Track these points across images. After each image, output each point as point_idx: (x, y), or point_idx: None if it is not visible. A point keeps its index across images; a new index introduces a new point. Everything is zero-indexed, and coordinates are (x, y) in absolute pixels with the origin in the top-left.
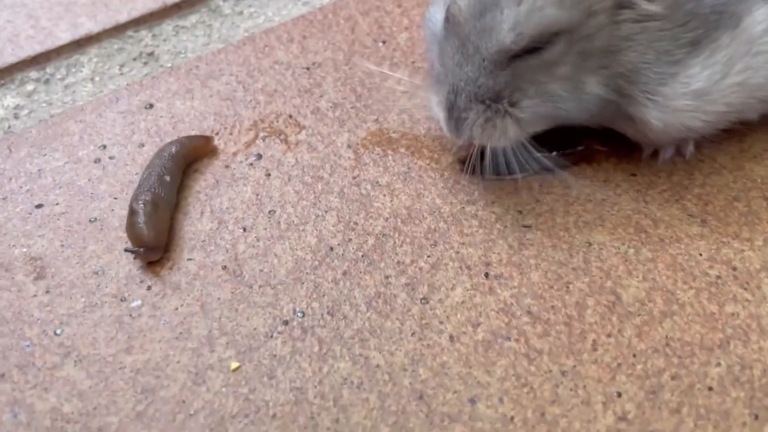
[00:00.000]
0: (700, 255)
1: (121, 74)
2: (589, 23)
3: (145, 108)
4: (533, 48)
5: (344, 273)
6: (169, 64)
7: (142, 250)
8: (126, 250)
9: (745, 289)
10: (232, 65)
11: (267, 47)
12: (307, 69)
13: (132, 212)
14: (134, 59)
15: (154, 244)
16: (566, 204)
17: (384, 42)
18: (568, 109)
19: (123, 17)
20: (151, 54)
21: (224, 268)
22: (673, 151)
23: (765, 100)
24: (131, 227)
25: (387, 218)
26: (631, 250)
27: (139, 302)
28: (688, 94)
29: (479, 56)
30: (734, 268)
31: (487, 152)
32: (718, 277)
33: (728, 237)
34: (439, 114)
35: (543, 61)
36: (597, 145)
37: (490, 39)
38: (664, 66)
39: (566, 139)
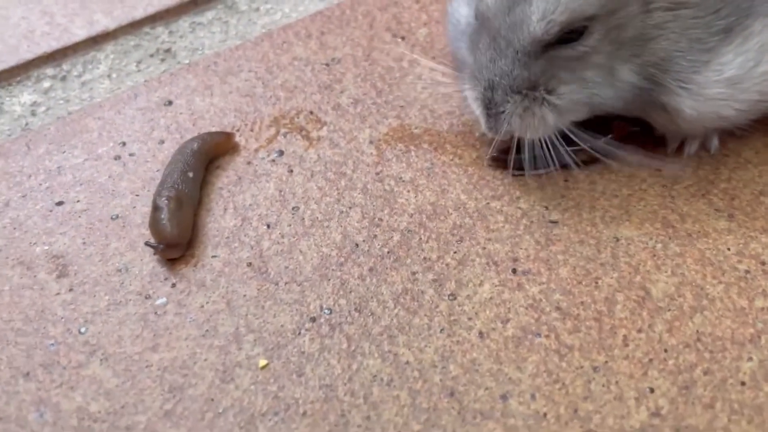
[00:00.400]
0: (729, 249)
1: (138, 71)
2: (620, 12)
3: (164, 105)
4: (566, 38)
5: (370, 269)
6: (187, 61)
7: (161, 246)
8: (147, 244)
9: None
10: (250, 61)
11: (285, 43)
12: (327, 65)
13: (155, 208)
14: (151, 56)
15: (177, 241)
16: (592, 199)
17: (403, 38)
18: (604, 95)
19: (139, 13)
20: (168, 50)
21: (249, 264)
22: (697, 146)
23: None
24: (155, 223)
25: (412, 214)
26: (659, 245)
27: (164, 300)
28: (721, 81)
29: (512, 49)
30: (763, 263)
31: (525, 146)
32: (747, 271)
33: (756, 231)
34: (477, 111)
35: (577, 51)
36: (628, 126)
37: (522, 31)
38: (697, 54)
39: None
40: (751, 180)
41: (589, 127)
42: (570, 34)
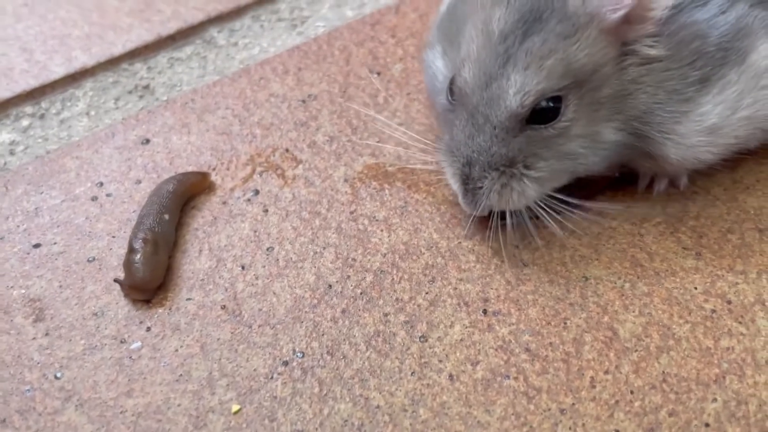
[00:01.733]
0: (696, 288)
1: (117, 108)
2: (595, 76)
3: (142, 143)
4: (543, 118)
5: (343, 311)
6: (165, 97)
7: (126, 286)
8: (115, 280)
9: (740, 323)
10: (227, 98)
11: (262, 79)
12: (303, 101)
13: (131, 250)
14: (129, 92)
15: (147, 287)
16: (562, 238)
17: (379, 73)
18: (588, 163)
19: (117, 50)
20: (146, 87)
21: (223, 307)
22: (667, 183)
23: (767, 130)
24: (128, 265)
25: (385, 254)
26: (627, 284)
27: (139, 344)
28: (702, 131)
29: (490, 125)
30: (729, 302)
31: (508, 214)
32: (713, 311)
33: (722, 270)
34: (455, 186)
35: (556, 129)
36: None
37: (498, 107)
38: (676, 104)
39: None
40: (719, 217)
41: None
42: (546, 113)
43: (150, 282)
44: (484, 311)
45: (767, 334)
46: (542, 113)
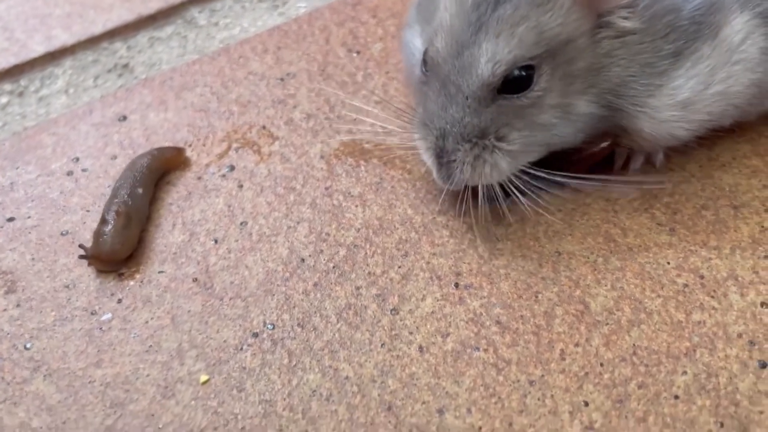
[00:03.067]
0: (668, 263)
1: (96, 86)
2: (568, 47)
3: (119, 120)
4: (515, 87)
5: (315, 284)
6: (144, 76)
7: (90, 255)
8: (80, 246)
9: (712, 297)
10: (206, 76)
11: (242, 58)
12: (282, 80)
13: (102, 221)
14: (109, 71)
15: (111, 259)
16: (536, 213)
17: (358, 52)
18: (562, 133)
19: (98, 29)
20: (125, 66)
21: (195, 280)
22: (642, 161)
23: (740, 107)
24: (96, 236)
25: (359, 229)
26: (600, 259)
27: (109, 315)
28: (675, 105)
29: (461, 95)
30: (702, 277)
31: (480, 189)
32: (686, 285)
33: (696, 245)
34: (429, 161)
35: (529, 99)
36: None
37: (470, 75)
38: (649, 78)
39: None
40: (693, 194)
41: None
42: (518, 82)
43: (114, 255)
44: (456, 285)
45: (739, 308)
46: (514, 82)
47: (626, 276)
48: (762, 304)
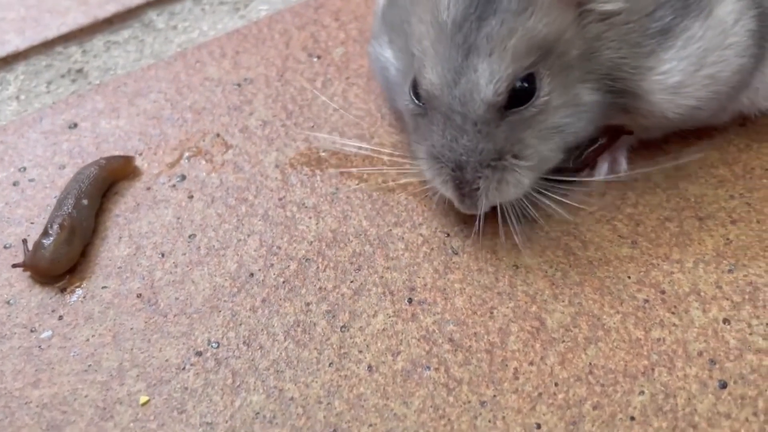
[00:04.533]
0: (629, 278)
1: (48, 92)
2: (559, 43)
3: (69, 128)
4: (520, 100)
5: (263, 300)
6: (98, 81)
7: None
8: (14, 265)
9: (673, 313)
10: (161, 82)
11: (198, 63)
12: (238, 85)
13: (44, 233)
14: (62, 76)
15: (47, 273)
16: (494, 225)
17: (319, 57)
18: (575, 130)
19: (52, 33)
20: (80, 71)
21: (139, 296)
22: (606, 170)
23: (725, 96)
24: (36, 248)
25: (311, 242)
26: (559, 273)
27: (49, 333)
28: (666, 89)
29: (470, 123)
30: (663, 292)
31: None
32: (646, 300)
33: (658, 259)
34: (449, 193)
35: (536, 107)
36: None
37: (474, 101)
38: (639, 59)
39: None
40: (658, 205)
41: None
42: (522, 94)
43: (51, 269)
44: (410, 300)
45: (701, 325)
46: (519, 95)
47: (585, 291)
48: (724, 320)
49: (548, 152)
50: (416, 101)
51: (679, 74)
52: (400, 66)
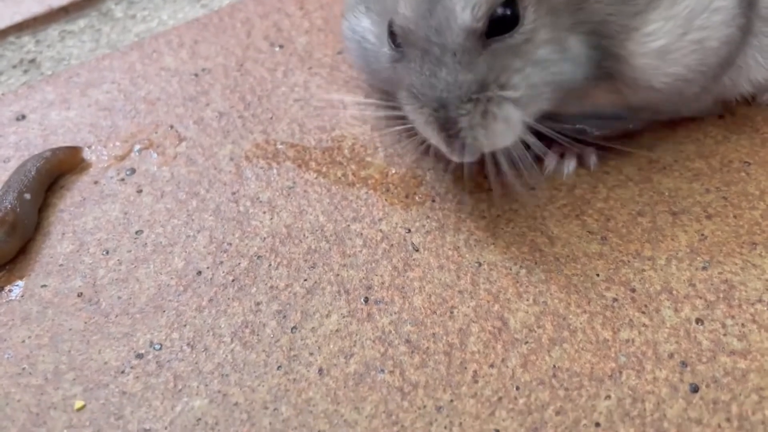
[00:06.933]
0: (597, 275)
1: None
2: None
3: (17, 119)
4: (502, 28)
5: (210, 300)
6: (50, 72)
7: None
8: None
9: (643, 312)
10: (115, 72)
11: (155, 53)
12: (196, 75)
13: None
14: (14, 67)
15: None
16: (458, 220)
17: (281, 46)
18: (564, 71)
19: (4, 22)
20: (32, 61)
21: (80, 295)
22: (575, 163)
23: (712, 70)
24: None
25: (264, 238)
26: (523, 271)
27: None
28: (650, 53)
29: (449, 54)
30: (633, 290)
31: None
32: (615, 299)
33: (628, 255)
34: (434, 137)
35: (520, 36)
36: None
37: (451, 30)
38: (626, 18)
39: None
40: (630, 199)
41: None
42: (505, 21)
43: None
44: (366, 299)
45: (672, 325)
46: (501, 22)
47: (550, 289)
48: (697, 320)
49: (536, 87)
50: (392, 44)
51: (665, 36)
52: (379, 31)
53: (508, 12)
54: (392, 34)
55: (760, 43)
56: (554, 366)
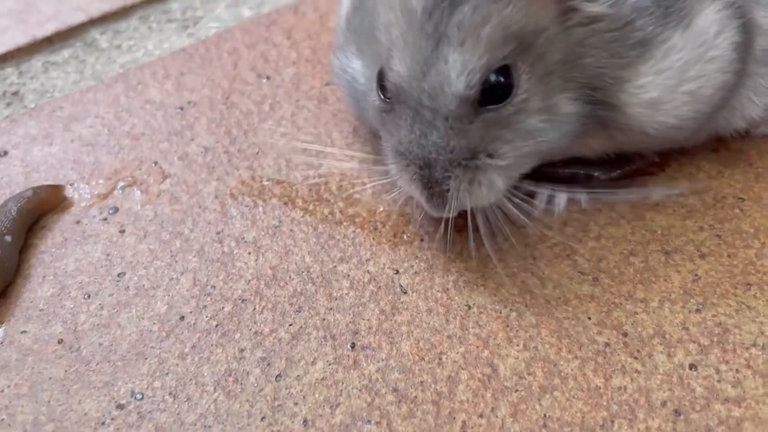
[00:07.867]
0: (589, 319)
1: None
2: (540, 40)
3: None
4: (496, 97)
5: (193, 346)
6: (33, 105)
7: None
8: None
9: (636, 358)
10: (99, 105)
11: (140, 85)
12: (181, 109)
13: None
14: None
15: None
16: (447, 261)
17: (268, 78)
18: (550, 139)
19: None
20: (15, 93)
21: (60, 341)
22: (566, 201)
23: (706, 116)
24: None
25: (249, 280)
26: (514, 314)
27: None
28: (642, 104)
29: (440, 118)
30: (625, 334)
31: (477, 215)
32: (607, 344)
33: (621, 297)
34: (416, 193)
35: (514, 106)
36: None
37: (445, 95)
38: (618, 70)
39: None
40: (622, 238)
41: None
42: (499, 89)
43: None
44: (352, 345)
45: (665, 371)
46: (494, 91)
47: (541, 334)
48: (691, 366)
49: (522, 156)
50: (382, 96)
51: (657, 89)
52: (371, 74)
53: (502, 79)
54: (383, 87)
55: (754, 84)
56: (545, 415)
